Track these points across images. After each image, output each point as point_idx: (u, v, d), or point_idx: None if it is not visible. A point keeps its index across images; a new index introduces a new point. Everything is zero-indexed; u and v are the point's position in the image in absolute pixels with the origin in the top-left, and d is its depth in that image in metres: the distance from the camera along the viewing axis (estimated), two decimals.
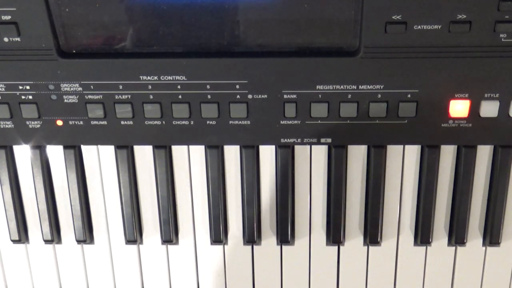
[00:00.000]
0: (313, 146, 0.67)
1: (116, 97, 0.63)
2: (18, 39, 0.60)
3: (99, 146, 0.68)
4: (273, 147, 0.67)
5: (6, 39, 0.60)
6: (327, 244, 0.71)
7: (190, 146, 0.68)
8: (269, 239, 0.71)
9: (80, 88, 0.63)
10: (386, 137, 0.65)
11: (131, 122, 0.65)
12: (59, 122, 0.65)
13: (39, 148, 0.68)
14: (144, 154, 0.69)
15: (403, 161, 0.68)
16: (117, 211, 0.71)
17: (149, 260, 0.73)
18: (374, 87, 0.61)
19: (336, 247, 0.71)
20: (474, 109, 0.62)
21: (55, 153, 0.69)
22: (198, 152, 0.68)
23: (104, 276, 0.74)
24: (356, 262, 0.72)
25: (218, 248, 0.72)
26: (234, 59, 0.61)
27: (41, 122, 0.65)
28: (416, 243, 0.71)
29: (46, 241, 0.72)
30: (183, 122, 0.64)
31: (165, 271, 0.74)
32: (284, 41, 0.61)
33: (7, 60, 0.61)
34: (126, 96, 0.63)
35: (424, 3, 0.56)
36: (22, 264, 0.74)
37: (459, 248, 0.71)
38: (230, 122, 0.64)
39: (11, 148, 0.69)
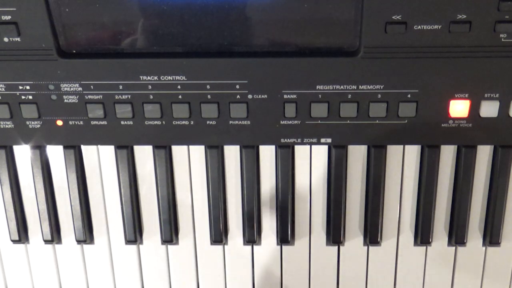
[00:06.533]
0: (313, 146, 0.67)
1: (116, 97, 0.63)
2: (18, 39, 0.60)
3: (99, 146, 0.68)
4: (273, 147, 0.67)
5: (6, 39, 0.60)
6: (327, 244, 0.71)
7: (190, 146, 0.68)
8: (269, 239, 0.71)
9: (80, 88, 0.63)
10: (386, 137, 0.65)
11: (131, 122, 0.65)
12: (59, 122, 0.65)
13: (39, 148, 0.68)
14: (144, 154, 0.68)
15: (403, 161, 0.68)
16: (117, 211, 0.71)
17: (149, 260, 0.73)
18: (374, 87, 0.61)
19: (336, 247, 0.71)
20: (474, 109, 0.62)
21: (55, 153, 0.69)
22: (198, 152, 0.68)
23: (104, 276, 0.74)
24: (356, 262, 0.72)
25: (218, 248, 0.72)
26: (234, 59, 0.61)
27: (41, 122, 0.65)
28: (416, 243, 0.71)
29: (46, 241, 0.72)
30: (183, 122, 0.64)
31: (165, 271, 0.74)
32: (284, 41, 0.61)
33: (7, 60, 0.61)
34: (126, 96, 0.63)
35: (424, 3, 0.56)
36: (22, 264, 0.74)
37: (459, 248, 0.71)
38: (230, 122, 0.64)
39: (11, 148, 0.69)
